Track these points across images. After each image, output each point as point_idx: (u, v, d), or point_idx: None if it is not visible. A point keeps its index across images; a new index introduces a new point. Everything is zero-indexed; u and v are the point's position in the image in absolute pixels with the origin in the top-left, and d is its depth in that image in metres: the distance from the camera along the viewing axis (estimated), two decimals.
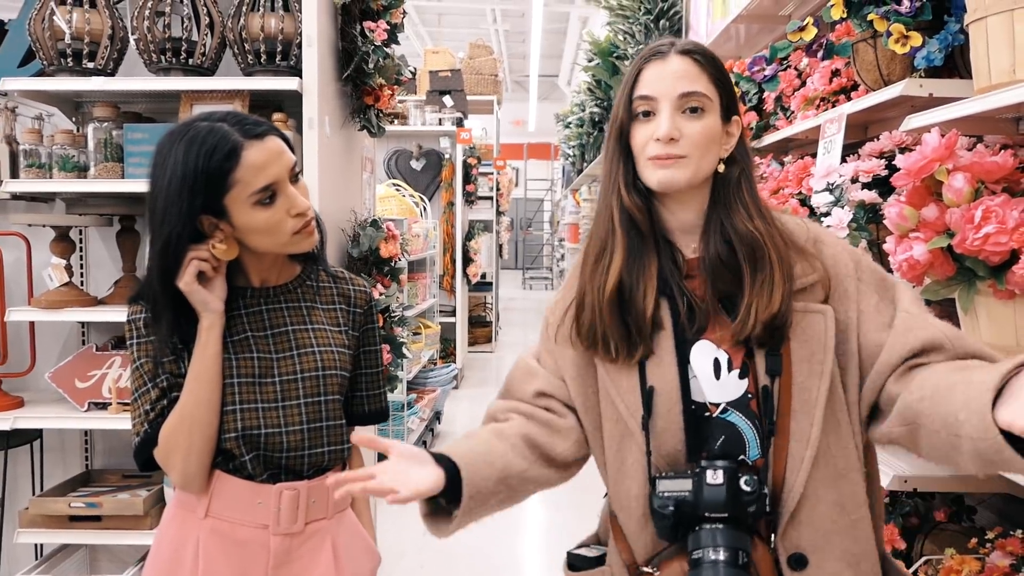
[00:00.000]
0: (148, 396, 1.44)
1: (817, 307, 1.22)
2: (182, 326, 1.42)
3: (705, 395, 1.24)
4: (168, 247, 1.36)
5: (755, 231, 1.22)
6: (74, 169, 2.53)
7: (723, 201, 1.26)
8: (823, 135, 2.32)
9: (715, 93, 1.24)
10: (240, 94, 2.49)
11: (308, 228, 1.44)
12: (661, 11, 6.11)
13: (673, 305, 1.26)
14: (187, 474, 1.44)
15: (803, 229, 1.28)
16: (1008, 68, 1.57)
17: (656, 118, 1.22)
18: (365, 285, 1.65)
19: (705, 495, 1.17)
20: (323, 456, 1.52)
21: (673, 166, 1.21)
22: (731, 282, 1.23)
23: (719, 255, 1.24)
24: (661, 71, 1.23)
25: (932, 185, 1.63)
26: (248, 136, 1.36)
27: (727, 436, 1.23)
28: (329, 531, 1.54)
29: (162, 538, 1.53)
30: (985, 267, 1.51)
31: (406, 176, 6.99)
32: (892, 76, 2.06)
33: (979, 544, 1.86)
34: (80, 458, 2.95)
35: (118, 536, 2.59)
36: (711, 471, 1.17)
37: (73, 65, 2.50)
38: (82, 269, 2.87)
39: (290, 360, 1.49)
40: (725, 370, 1.24)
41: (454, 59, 7.93)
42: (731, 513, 1.16)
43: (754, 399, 1.23)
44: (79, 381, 2.60)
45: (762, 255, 1.21)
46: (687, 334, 1.25)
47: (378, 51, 2.62)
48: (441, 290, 7.06)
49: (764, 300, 1.19)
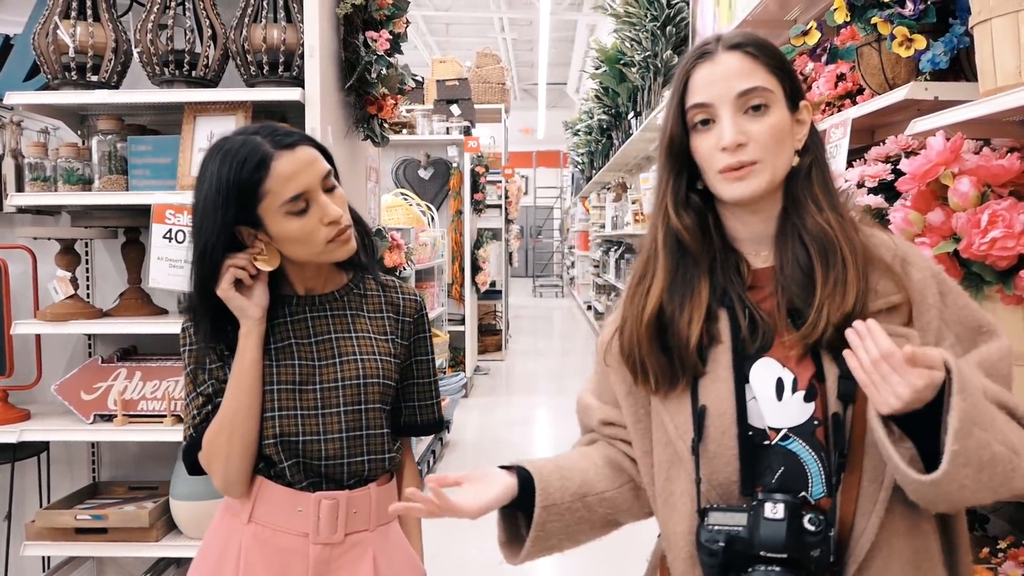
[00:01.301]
0: (195, 402, 1.49)
1: (902, 330, 1.07)
2: (228, 334, 1.45)
3: (764, 419, 1.11)
4: (204, 256, 1.39)
5: (825, 225, 1.10)
6: (79, 182, 2.54)
7: (796, 198, 1.14)
8: (828, 140, 2.30)
9: (776, 83, 1.12)
10: (243, 105, 2.49)
11: (343, 236, 1.44)
12: (668, 17, 6.11)
13: (733, 317, 1.13)
14: (228, 479, 1.47)
15: (891, 245, 1.15)
16: (1014, 70, 1.55)
17: (717, 125, 1.11)
18: (415, 294, 1.64)
19: (762, 531, 1.03)
20: (363, 465, 1.51)
21: (748, 176, 1.09)
22: (804, 292, 1.10)
23: (797, 261, 1.11)
24: (712, 73, 1.11)
25: (938, 189, 1.61)
26: (279, 147, 1.38)
27: (787, 468, 1.09)
28: (371, 543, 1.53)
29: (209, 541, 1.55)
30: (992, 272, 1.49)
31: (414, 185, 7.00)
32: (897, 80, 2.04)
33: (991, 554, 1.83)
34: (87, 470, 2.95)
35: (124, 548, 2.58)
36: (770, 504, 1.04)
37: (77, 78, 2.51)
38: (88, 281, 2.87)
39: (332, 368, 1.49)
40: (789, 391, 1.10)
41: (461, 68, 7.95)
42: (791, 555, 1.02)
43: (821, 427, 1.09)
44: (84, 393, 2.60)
45: (833, 251, 1.09)
46: (748, 350, 1.12)
47: (381, 60, 2.62)
48: (450, 299, 7.05)
49: (837, 300, 1.06)
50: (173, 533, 2.63)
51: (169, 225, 2.43)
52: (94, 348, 2.89)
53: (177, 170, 2.50)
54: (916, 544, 1.07)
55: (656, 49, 6.17)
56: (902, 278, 1.10)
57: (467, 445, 5.81)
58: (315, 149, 1.44)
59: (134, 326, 2.58)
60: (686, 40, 5.92)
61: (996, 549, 1.83)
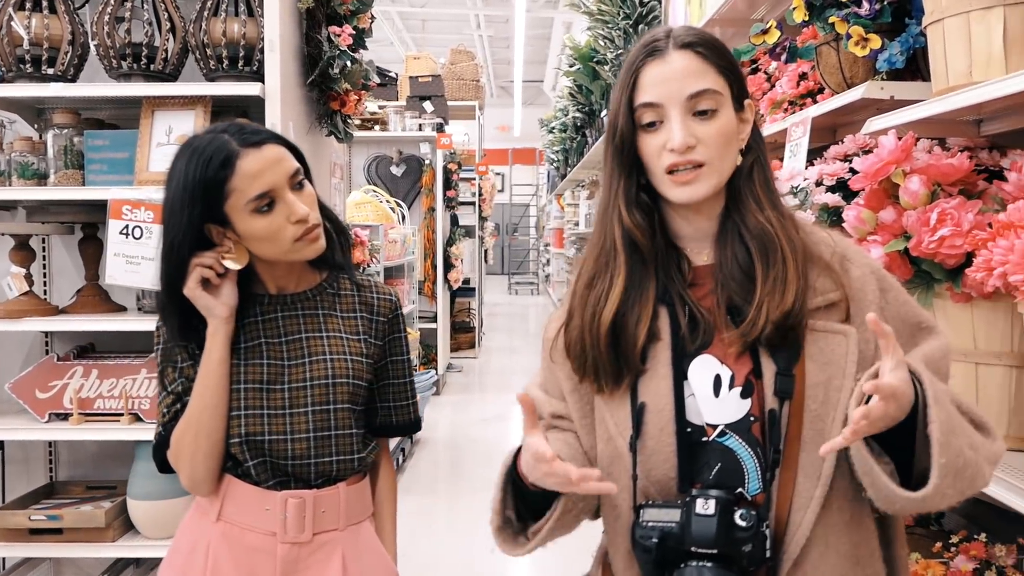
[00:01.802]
0: (166, 400, 1.50)
1: (839, 327, 1.08)
2: (199, 332, 1.44)
3: (702, 416, 1.11)
4: (171, 254, 1.39)
5: (766, 223, 1.11)
6: (33, 176, 2.49)
7: (738, 196, 1.14)
8: (789, 138, 2.31)
9: (724, 84, 1.10)
10: (202, 99, 2.46)
11: (311, 235, 1.43)
12: (640, 15, 6.12)
13: (674, 315, 1.14)
14: (194, 478, 1.47)
15: (830, 243, 1.15)
16: (965, 70, 1.57)
17: (666, 126, 1.09)
18: (391, 294, 1.63)
19: (694, 527, 1.03)
20: (331, 465, 1.50)
21: (695, 180, 1.09)
22: (743, 290, 1.10)
23: (736, 259, 1.12)
24: (663, 71, 1.09)
25: (889, 188, 1.62)
26: (245, 144, 1.37)
27: (724, 464, 1.09)
28: (340, 543, 1.52)
29: (179, 539, 1.56)
30: (941, 270, 1.50)
31: (386, 182, 6.97)
32: (855, 79, 2.05)
33: (944, 548, 1.85)
34: (44, 470, 2.90)
35: (79, 549, 2.54)
36: (702, 500, 1.04)
37: (33, 71, 2.46)
38: (45, 278, 2.83)
39: (301, 367, 1.49)
40: (726, 388, 1.10)
41: (435, 65, 7.91)
42: (721, 550, 1.03)
43: (758, 423, 1.09)
44: (39, 392, 2.56)
45: (774, 249, 1.09)
46: (688, 347, 1.12)
47: (344, 56, 2.60)
48: (422, 296, 7.03)
49: (776, 298, 1.06)
50: (131, 533, 2.60)
51: (126, 221, 2.39)
52: (51, 346, 2.85)
53: (135, 165, 2.46)
54: (855, 539, 1.07)
55: (628, 47, 6.18)
56: (840, 275, 1.11)
57: (438, 443, 5.79)
58: (284, 147, 1.43)
59: (91, 323, 2.55)
60: None
61: (948, 543, 1.85)
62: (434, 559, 3.66)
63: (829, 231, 1.18)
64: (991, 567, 1.75)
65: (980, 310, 1.50)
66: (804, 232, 1.14)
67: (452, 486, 4.95)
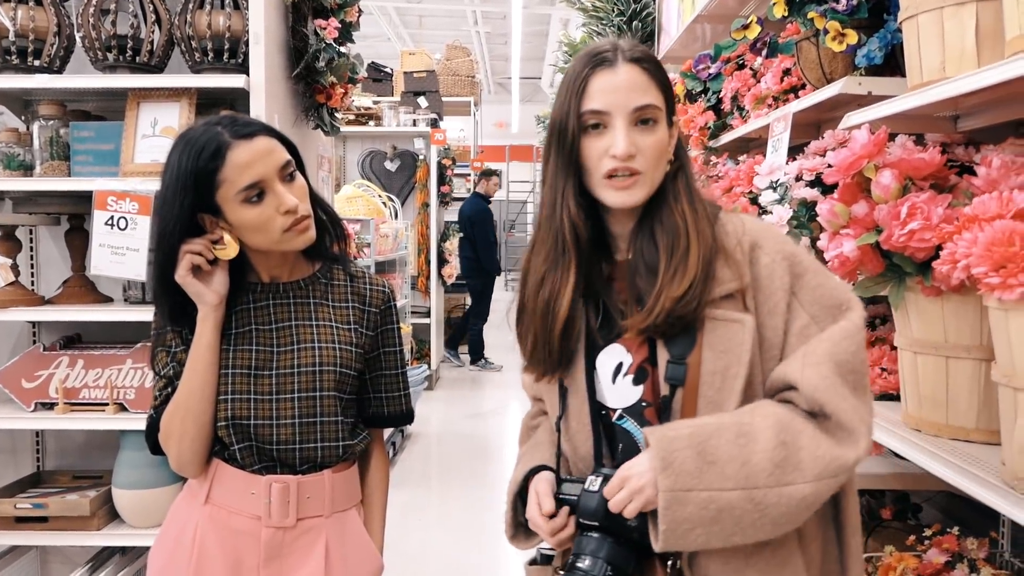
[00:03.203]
0: (158, 384, 1.53)
1: (736, 316, 1.13)
2: (192, 318, 1.47)
3: (606, 399, 1.21)
4: (162, 241, 1.43)
5: (679, 219, 1.17)
6: (19, 168, 2.50)
7: (660, 196, 1.20)
8: (771, 134, 2.33)
9: (662, 101, 1.18)
10: (187, 92, 2.47)
11: (300, 226, 1.46)
12: (634, 12, 6.11)
13: (592, 308, 1.23)
14: (181, 460, 1.50)
15: (739, 229, 1.19)
16: (938, 65, 1.58)
17: (609, 133, 1.15)
18: (384, 285, 1.66)
19: (582, 502, 1.13)
20: (316, 452, 1.52)
21: (632, 186, 1.15)
22: (648, 283, 1.16)
23: (643, 254, 1.18)
24: (612, 82, 1.15)
25: (862, 182, 1.63)
26: (236, 136, 1.40)
27: (625, 445, 1.19)
28: (324, 529, 1.54)
29: (169, 520, 1.59)
30: (912, 263, 1.51)
31: (380, 177, 6.97)
32: (834, 74, 2.06)
33: (917, 541, 1.86)
34: (31, 459, 2.91)
35: (65, 537, 2.55)
36: (592, 476, 1.13)
37: (19, 63, 2.47)
38: (32, 269, 2.84)
39: (289, 354, 1.51)
40: (622, 374, 1.19)
41: (431, 60, 7.92)
42: (602, 523, 1.11)
43: (651, 408, 1.17)
44: (26, 381, 2.57)
45: (679, 241, 1.15)
46: (602, 337, 1.21)
47: (329, 49, 2.61)
48: (415, 291, 7.04)
49: (674, 285, 1.12)
50: (116, 522, 2.61)
51: (111, 212, 2.40)
52: (38, 336, 2.86)
53: (120, 156, 2.47)
54: None
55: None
56: (741, 265, 1.15)
57: (430, 437, 5.81)
58: (275, 139, 1.46)
59: (77, 314, 2.56)
60: (652, 35, 5.93)
61: (922, 537, 1.86)
62: (424, 552, 3.68)
63: (747, 220, 1.22)
64: (963, 560, 1.77)
65: (950, 304, 1.51)
66: (719, 225, 1.19)
67: (443, 480, 4.97)
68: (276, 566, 1.51)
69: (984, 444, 1.49)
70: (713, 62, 2.67)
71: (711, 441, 1.05)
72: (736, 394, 1.10)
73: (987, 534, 1.84)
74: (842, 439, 1.06)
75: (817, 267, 1.18)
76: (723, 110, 2.97)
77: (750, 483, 1.03)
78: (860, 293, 1.62)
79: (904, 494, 2.21)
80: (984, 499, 1.29)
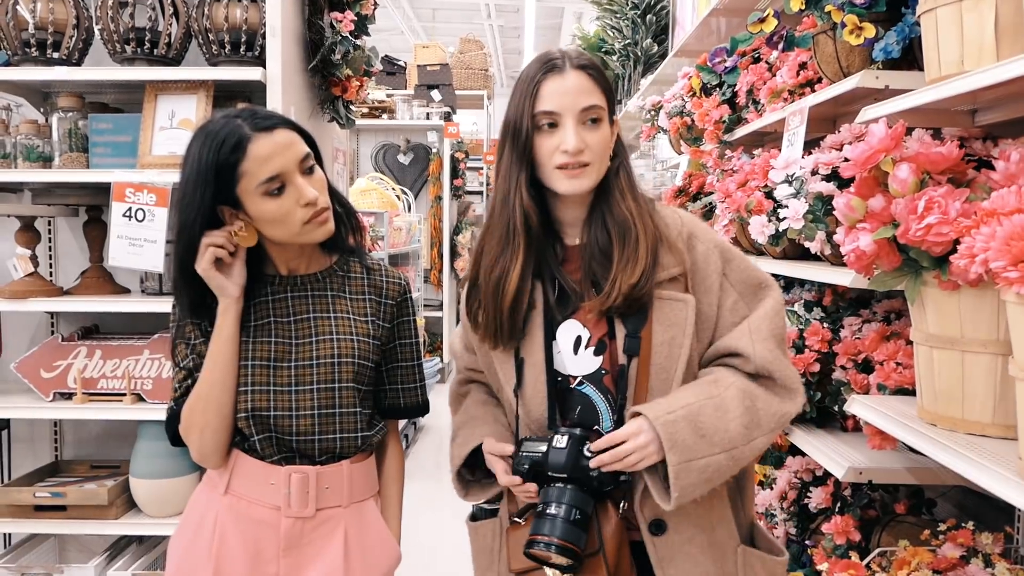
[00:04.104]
0: (178, 375, 1.55)
1: (680, 296, 1.35)
2: (212, 310, 1.49)
3: (566, 368, 1.39)
4: (183, 234, 1.44)
5: (627, 212, 1.36)
6: (39, 159, 2.52)
7: (607, 190, 1.39)
8: (787, 128, 2.32)
9: (605, 102, 1.36)
10: (204, 84, 2.49)
11: (320, 218, 1.47)
12: (648, 5, 6.10)
13: (547, 287, 1.40)
14: (203, 451, 1.52)
15: (677, 222, 1.40)
16: (957, 59, 1.57)
17: (560, 131, 1.32)
18: (400, 277, 1.67)
19: (551, 457, 1.31)
20: (335, 442, 1.54)
21: (581, 176, 1.33)
22: (603, 267, 1.35)
23: (597, 241, 1.37)
24: (562, 86, 1.32)
25: (880, 176, 1.63)
26: (256, 129, 1.42)
27: (583, 407, 1.38)
28: (343, 520, 1.56)
29: (189, 511, 1.61)
30: (929, 258, 1.51)
31: (393, 170, 6.99)
32: (851, 68, 2.05)
33: (932, 535, 1.86)
34: (49, 449, 2.95)
35: (83, 526, 2.59)
36: (559, 436, 1.32)
37: (38, 55, 2.49)
38: (51, 260, 2.86)
39: (308, 346, 1.53)
40: (584, 346, 1.38)
41: (444, 54, 7.91)
42: (571, 475, 1.30)
43: (608, 375, 1.37)
44: (44, 371, 2.60)
45: (630, 233, 1.34)
46: (558, 313, 1.39)
47: (345, 42, 2.61)
48: (428, 284, 7.05)
49: (628, 273, 1.31)
50: (133, 511, 2.64)
51: (129, 203, 2.42)
52: (56, 326, 2.89)
53: (138, 148, 2.49)
54: None
55: (636, 37, 6.17)
56: (683, 252, 1.37)
57: (443, 429, 5.83)
58: (295, 132, 1.47)
59: (95, 304, 2.58)
60: (666, 29, 5.91)
61: (936, 531, 1.86)
62: (438, 543, 3.70)
63: (682, 214, 1.44)
64: (977, 555, 1.76)
65: (966, 298, 1.50)
66: (658, 217, 1.40)
67: None
68: (295, 556, 1.52)
69: (1000, 439, 1.48)
70: (729, 56, 2.66)
71: (700, 418, 1.26)
72: (681, 360, 1.33)
73: (1002, 529, 1.83)
74: (784, 397, 1.34)
75: (740, 255, 1.43)
76: (738, 104, 2.96)
77: (730, 445, 1.27)
78: (876, 287, 1.62)
79: (918, 489, 2.20)
80: (1001, 494, 1.28)
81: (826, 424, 2.14)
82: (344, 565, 1.54)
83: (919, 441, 1.54)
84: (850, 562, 1.88)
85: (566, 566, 1.30)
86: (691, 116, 3.16)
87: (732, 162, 2.89)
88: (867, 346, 1.96)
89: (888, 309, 2.09)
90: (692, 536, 1.35)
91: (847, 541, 2.01)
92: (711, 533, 1.38)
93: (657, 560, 1.36)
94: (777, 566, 1.45)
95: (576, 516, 1.29)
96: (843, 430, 2.11)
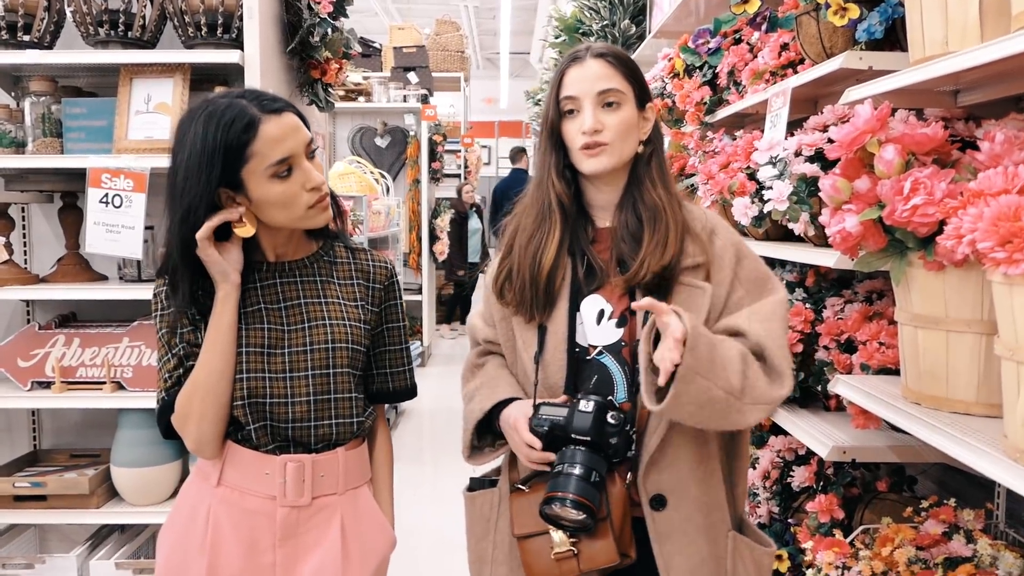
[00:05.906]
0: (167, 365, 1.51)
1: (700, 283, 1.43)
2: (200, 297, 1.47)
3: (587, 339, 1.46)
4: (188, 217, 1.40)
5: (658, 199, 1.45)
6: (11, 145, 2.47)
7: (638, 177, 1.47)
8: (769, 109, 2.32)
9: (628, 87, 1.45)
10: (181, 67, 2.44)
11: (323, 203, 1.47)
12: None
13: (576, 263, 1.48)
14: (200, 441, 1.49)
15: (702, 217, 1.49)
16: (941, 40, 1.57)
17: (581, 114, 1.43)
18: (386, 261, 1.66)
19: (575, 420, 1.37)
20: (330, 429, 1.53)
21: (600, 154, 1.43)
22: (631, 249, 1.44)
23: (627, 225, 1.45)
24: (581, 73, 1.44)
25: (865, 157, 1.63)
26: (266, 111, 1.39)
27: (600, 376, 1.45)
28: (339, 507, 1.55)
29: (180, 503, 1.58)
30: (914, 238, 1.52)
31: (371, 153, 6.93)
32: (834, 49, 2.05)
33: (914, 513, 1.89)
34: (28, 438, 2.91)
35: (63, 515, 2.56)
36: (584, 401, 1.38)
37: (8, 38, 2.44)
38: (25, 247, 2.81)
39: (301, 332, 1.51)
40: (607, 318, 1.46)
41: (420, 35, 7.84)
42: (593, 439, 1.36)
43: (627, 348, 1.44)
44: (21, 360, 2.56)
45: (661, 219, 1.43)
46: (583, 288, 1.47)
47: (324, 24, 2.58)
48: (407, 268, 7.02)
49: (657, 255, 1.40)
50: (115, 500, 2.62)
51: (106, 189, 2.38)
52: (33, 314, 2.84)
53: (114, 133, 2.45)
54: (699, 444, 1.43)
55: (614, 18, 6.14)
56: (706, 244, 1.45)
57: (423, 413, 5.83)
58: (298, 117, 1.46)
59: (72, 292, 2.54)
60: (644, 10, 5.89)
61: (919, 508, 1.89)
62: (419, 527, 3.70)
63: (706, 211, 1.53)
64: (959, 531, 1.79)
65: (951, 278, 1.52)
66: (686, 210, 1.49)
67: (436, 455, 4.99)
68: (292, 545, 1.51)
69: (984, 417, 1.50)
70: (712, 36, 2.65)
71: (716, 350, 1.30)
72: None
73: (982, 505, 1.86)
74: (774, 379, 1.37)
75: (753, 255, 1.51)
76: (719, 85, 2.96)
77: (729, 389, 1.31)
78: (861, 268, 1.63)
79: (900, 466, 2.23)
80: (985, 471, 1.30)
81: (809, 404, 2.16)
82: (342, 552, 1.53)
83: (904, 420, 1.55)
84: (834, 540, 1.90)
85: (574, 527, 1.36)
86: (672, 98, 3.16)
87: (714, 144, 2.89)
88: (850, 326, 1.97)
89: (870, 289, 2.11)
90: (690, 515, 1.42)
91: (831, 519, 2.03)
92: (707, 516, 1.43)
93: (656, 535, 1.42)
94: (764, 556, 1.49)
95: (595, 478, 1.35)
96: (826, 409, 2.13)
